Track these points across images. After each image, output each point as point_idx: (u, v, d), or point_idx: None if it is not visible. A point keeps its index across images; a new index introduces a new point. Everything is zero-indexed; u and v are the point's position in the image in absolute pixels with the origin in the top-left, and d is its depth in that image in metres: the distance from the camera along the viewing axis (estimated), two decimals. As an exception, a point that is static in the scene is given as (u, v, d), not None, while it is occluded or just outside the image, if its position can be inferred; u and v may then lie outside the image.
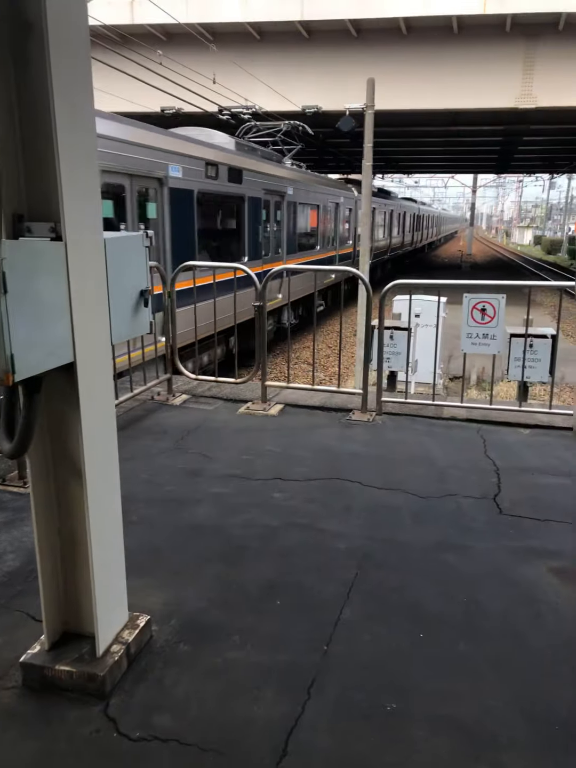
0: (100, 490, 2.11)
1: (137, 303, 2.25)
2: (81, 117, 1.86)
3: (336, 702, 2.11)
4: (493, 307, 4.85)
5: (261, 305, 5.26)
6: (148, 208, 7.67)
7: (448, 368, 11.12)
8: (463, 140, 24.62)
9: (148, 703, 2.11)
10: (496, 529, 3.28)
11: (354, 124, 11.33)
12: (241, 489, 3.75)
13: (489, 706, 2.11)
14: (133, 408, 5.36)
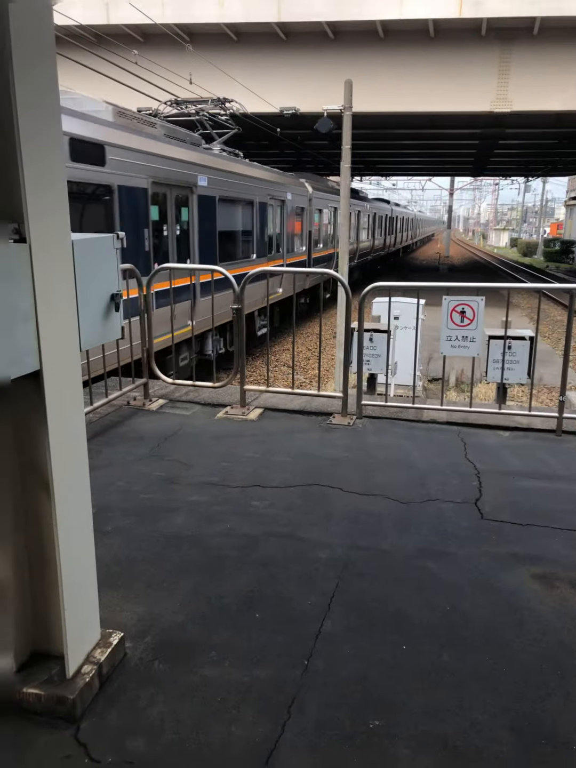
0: (69, 503, 2.02)
1: (108, 307, 2.15)
2: (45, 112, 1.77)
3: (317, 721, 2.04)
4: (473, 309, 4.83)
5: (239, 308, 5.18)
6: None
7: (428, 370, 11.14)
8: (441, 143, 24.78)
9: (121, 727, 2.02)
10: (478, 534, 3.24)
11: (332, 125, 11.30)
12: (220, 497, 3.67)
13: (474, 721, 2.05)
14: (109, 414, 5.24)
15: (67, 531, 2.01)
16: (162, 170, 8.33)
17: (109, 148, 7.09)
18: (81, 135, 6.55)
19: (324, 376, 12.04)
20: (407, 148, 26.53)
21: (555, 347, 14.47)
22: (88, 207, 6.99)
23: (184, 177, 8.96)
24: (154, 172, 8.10)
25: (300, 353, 13.82)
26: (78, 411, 2.03)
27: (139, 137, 7.95)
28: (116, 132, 7.43)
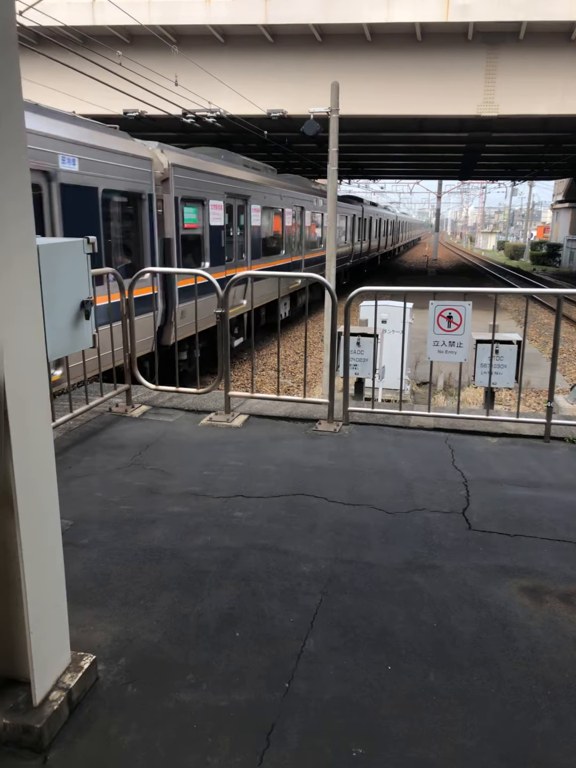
0: (35, 521, 1.91)
1: (77, 315, 2.05)
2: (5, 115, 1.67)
3: (297, 749, 1.94)
4: (460, 314, 4.76)
5: (223, 312, 5.08)
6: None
7: (415, 373, 11.09)
8: (428, 146, 24.83)
9: (91, 757, 1.91)
10: (465, 546, 3.16)
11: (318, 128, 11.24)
12: (201, 508, 3.57)
13: (460, 746, 1.96)
14: (90, 420, 5.12)
15: (33, 550, 1.90)
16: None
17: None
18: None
19: (312, 380, 11.96)
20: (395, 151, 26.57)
21: (542, 350, 14.49)
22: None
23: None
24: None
25: (288, 357, 13.74)
26: (45, 423, 1.93)
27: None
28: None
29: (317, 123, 11.23)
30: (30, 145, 5.91)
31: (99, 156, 7.25)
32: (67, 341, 2.01)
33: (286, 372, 12.44)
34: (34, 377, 1.86)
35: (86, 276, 2.10)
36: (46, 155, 6.30)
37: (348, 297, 5.02)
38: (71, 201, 6.63)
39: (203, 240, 10.25)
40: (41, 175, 6.26)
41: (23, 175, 1.74)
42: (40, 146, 6.23)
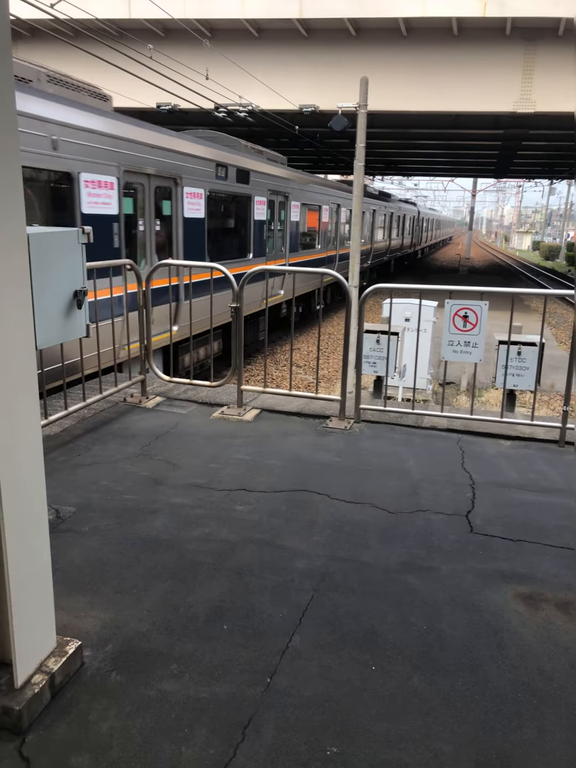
0: (19, 505, 1.93)
1: (70, 305, 2.07)
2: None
3: (271, 745, 1.94)
4: (476, 314, 4.68)
5: (238, 307, 5.09)
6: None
7: (438, 373, 10.95)
8: (463, 143, 24.43)
9: (68, 742, 1.93)
10: (465, 549, 3.11)
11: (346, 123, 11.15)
12: (203, 500, 3.58)
13: (438, 751, 1.94)
14: (104, 410, 5.18)
15: (17, 534, 1.93)
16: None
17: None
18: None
19: (333, 376, 11.92)
20: (429, 148, 26.22)
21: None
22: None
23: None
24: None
25: (311, 353, 13.70)
26: (32, 409, 1.95)
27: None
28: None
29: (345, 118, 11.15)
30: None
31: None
32: (58, 330, 2.04)
33: (307, 368, 12.42)
34: (22, 365, 1.88)
35: (80, 266, 2.11)
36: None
37: (362, 294, 4.98)
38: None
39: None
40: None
41: (14, 164, 1.76)
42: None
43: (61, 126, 5.98)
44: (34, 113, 5.66)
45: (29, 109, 5.61)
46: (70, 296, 2.07)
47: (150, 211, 7.72)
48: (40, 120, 5.72)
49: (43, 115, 5.76)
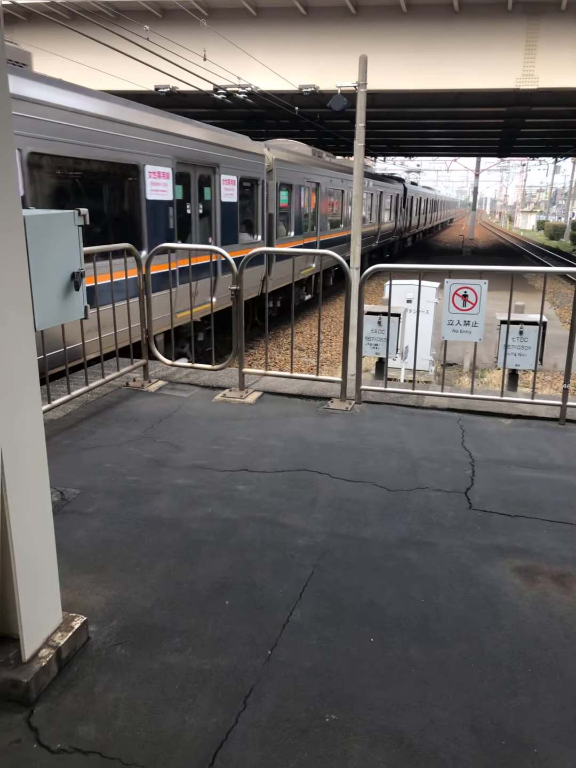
0: (22, 483, 1.98)
1: (68, 286, 2.09)
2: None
3: (272, 713, 1.99)
4: (475, 293, 4.68)
5: (238, 289, 5.10)
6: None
7: (440, 354, 10.95)
8: (466, 122, 24.15)
9: (75, 712, 2.00)
10: (463, 525, 3.15)
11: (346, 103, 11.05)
12: (205, 481, 3.63)
13: (434, 717, 1.99)
14: (107, 394, 5.23)
15: (21, 512, 1.97)
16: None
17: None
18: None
19: (336, 359, 11.94)
20: (431, 127, 25.94)
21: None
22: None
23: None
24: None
25: (313, 336, 13.70)
26: (32, 390, 1.98)
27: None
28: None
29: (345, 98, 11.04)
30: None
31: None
32: (56, 312, 2.06)
33: (309, 351, 12.43)
34: (21, 346, 1.91)
35: (77, 248, 2.13)
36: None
37: (362, 276, 4.98)
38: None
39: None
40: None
41: (6, 147, 1.77)
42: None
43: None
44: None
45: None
46: (67, 278, 2.10)
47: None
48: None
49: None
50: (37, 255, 1.93)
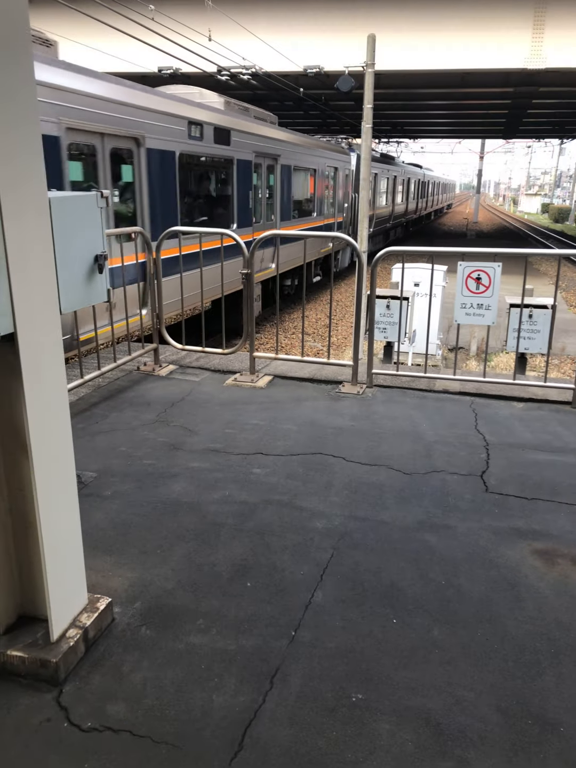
0: (49, 467, 1.98)
1: (91, 269, 2.08)
2: (12, 62, 1.68)
3: (299, 692, 2.01)
4: (489, 276, 4.65)
5: (249, 273, 5.07)
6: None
7: (447, 338, 10.92)
8: (471, 103, 23.86)
9: (103, 691, 2.02)
10: (480, 507, 3.16)
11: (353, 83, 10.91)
12: (221, 464, 3.64)
13: (459, 698, 2.01)
14: (119, 378, 5.23)
15: (48, 496, 1.98)
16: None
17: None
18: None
19: (342, 343, 11.91)
20: (436, 108, 25.64)
21: (582, 317, 14.05)
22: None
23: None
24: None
25: (319, 320, 13.66)
26: (58, 374, 1.98)
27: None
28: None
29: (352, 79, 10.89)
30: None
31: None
32: (80, 295, 2.05)
33: (317, 335, 12.40)
34: (47, 328, 1.91)
35: (100, 230, 2.12)
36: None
37: (374, 258, 4.95)
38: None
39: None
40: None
41: (33, 127, 1.75)
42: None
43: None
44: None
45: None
46: (91, 261, 2.08)
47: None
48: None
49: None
50: (61, 237, 1.91)
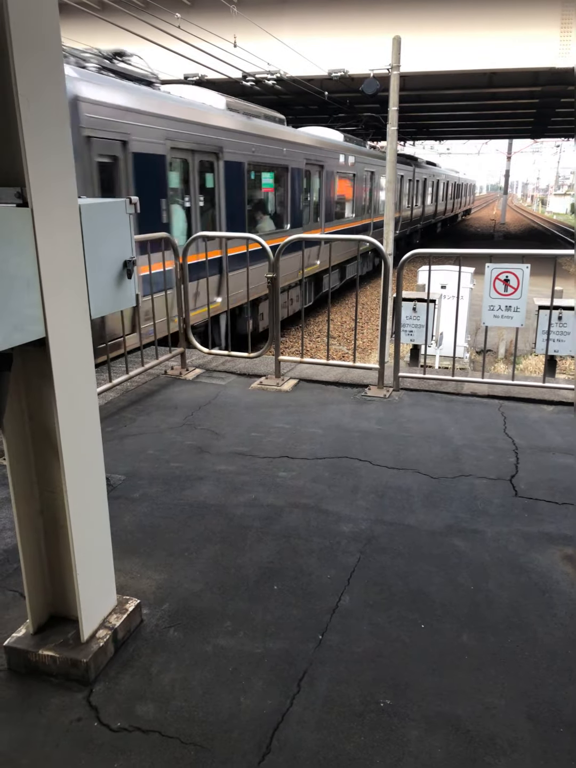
0: (79, 470, 2.02)
1: (120, 274, 2.11)
2: (46, 72, 1.71)
3: (327, 696, 2.01)
4: (517, 277, 4.59)
5: (274, 277, 5.09)
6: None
7: (475, 341, 10.79)
8: (498, 103, 23.62)
9: (133, 692, 2.04)
10: (510, 512, 3.12)
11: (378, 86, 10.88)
12: (247, 467, 3.65)
13: (489, 705, 1.98)
14: (146, 382, 5.29)
15: (78, 498, 2.01)
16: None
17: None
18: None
19: (368, 347, 11.87)
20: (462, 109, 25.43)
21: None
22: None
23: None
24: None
25: (344, 324, 13.64)
26: (88, 378, 2.01)
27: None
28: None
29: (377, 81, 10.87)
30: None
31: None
32: (110, 300, 2.08)
33: (341, 339, 12.37)
34: (77, 333, 1.94)
35: (128, 236, 2.15)
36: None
37: (401, 260, 4.92)
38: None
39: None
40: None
41: (63, 133, 1.79)
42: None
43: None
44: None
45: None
46: (120, 266, 2.12)
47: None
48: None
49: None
50: (91, 243, 1.95)
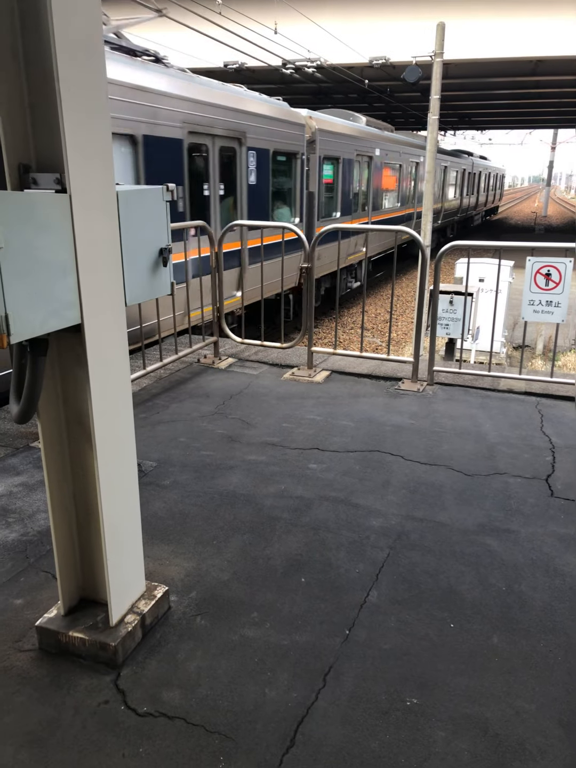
0: (111, 456, 2.03)
1: (156, 262, 2.11)
2: (87, 60, 1.71)
3: (352, 692, 1.99)
4: (559, 271, 4.46)
5: (309, 267, 5.05)
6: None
7: (513, 336, 10.58)
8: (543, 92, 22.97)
9: (159, 678, 2.05)
10: (545, 512, 3.04)
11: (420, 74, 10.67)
12: (277, 458, 3.64)
13: (520, 709, 1.93)
14: (179, 370, 5.32)
15: (109, 483, 2.02)
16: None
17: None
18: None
19: (402, 339, 11.74)
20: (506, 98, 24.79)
21: None
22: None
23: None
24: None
25: (378, 315, 13.51)
26: (122, 365, 2.02)
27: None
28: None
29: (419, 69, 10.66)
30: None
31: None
32: (145, 288, 2.08)
33: (375, 331, 12.26)
34: (112, 320, 1.94)
35: (165, 224, 2.14)
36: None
37: (439, 252, 4.83)
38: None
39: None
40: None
41: (104, 123, 1.78)
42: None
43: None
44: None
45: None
46: (156, 254, 2.11)
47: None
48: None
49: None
50: (128, 230, 1.95)
